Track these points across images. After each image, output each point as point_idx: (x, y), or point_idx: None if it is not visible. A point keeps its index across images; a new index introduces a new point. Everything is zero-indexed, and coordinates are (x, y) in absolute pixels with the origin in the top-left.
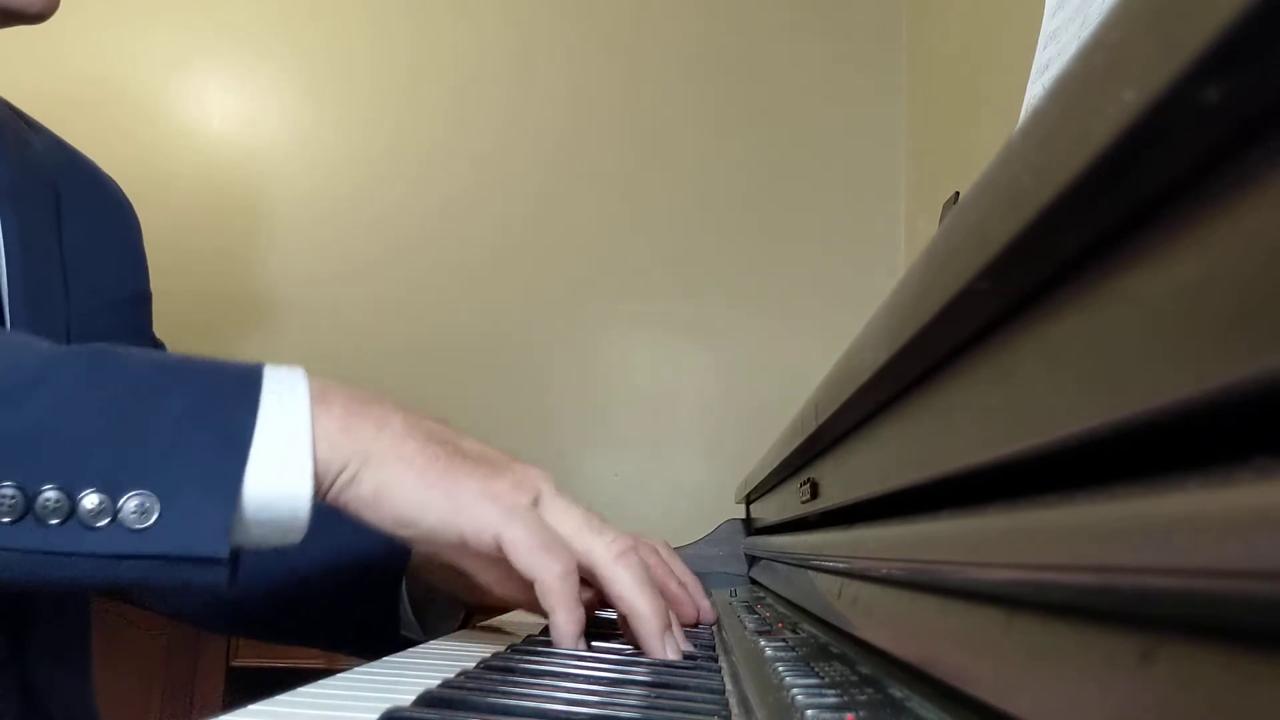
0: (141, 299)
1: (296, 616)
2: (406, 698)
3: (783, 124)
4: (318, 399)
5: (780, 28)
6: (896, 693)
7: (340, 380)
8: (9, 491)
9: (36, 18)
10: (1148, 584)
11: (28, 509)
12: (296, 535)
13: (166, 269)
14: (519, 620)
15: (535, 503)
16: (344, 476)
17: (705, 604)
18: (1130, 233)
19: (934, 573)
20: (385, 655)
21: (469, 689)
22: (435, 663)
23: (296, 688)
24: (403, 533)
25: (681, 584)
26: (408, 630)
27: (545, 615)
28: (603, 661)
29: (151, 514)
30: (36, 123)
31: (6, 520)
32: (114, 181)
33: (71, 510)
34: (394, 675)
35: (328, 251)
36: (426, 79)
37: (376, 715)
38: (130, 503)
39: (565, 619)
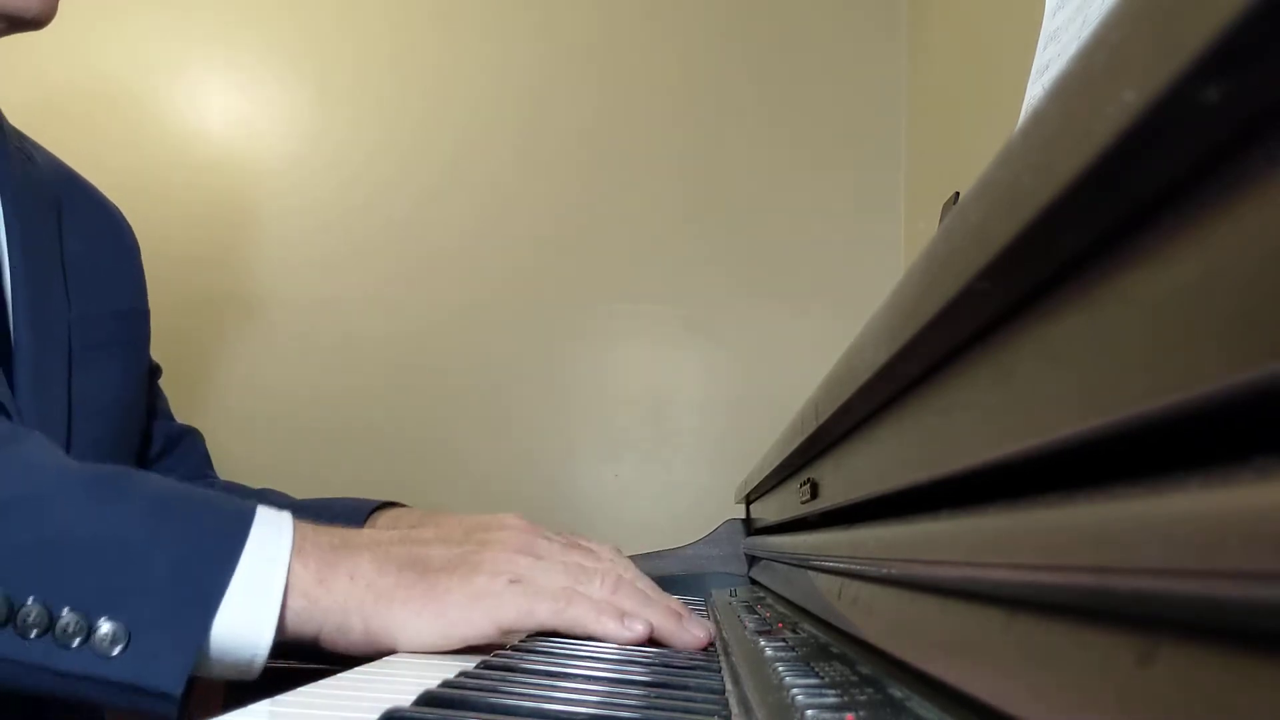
0: (139, 315)
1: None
2: (406, 698)
3: (782, 123)
4: (296, 553)
5: (779, 27)
6: (896, 693)
7: (318, 527)
8: None
9: (35, 23)
10: (1147, 584)
11: (9, 619)
12: (252, 674)
13: (167, 269)
14: None
15: (516, 579)
16: (329, 629)
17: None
18: (1130, 233)
19: (934, 573)
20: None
21: (469, 689)
22: (435, 663)
23: (296, 688)
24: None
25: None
26: None
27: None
28: (603, 661)
29: (120, 643)
30: (36, 143)
31: None
32: (112, 203)
33: (49, 626)
34: (394, 675)
35: (324, 251)
36: (417, 80)
37: (376, 715)
38: (103, 628)
39: (603, 627)
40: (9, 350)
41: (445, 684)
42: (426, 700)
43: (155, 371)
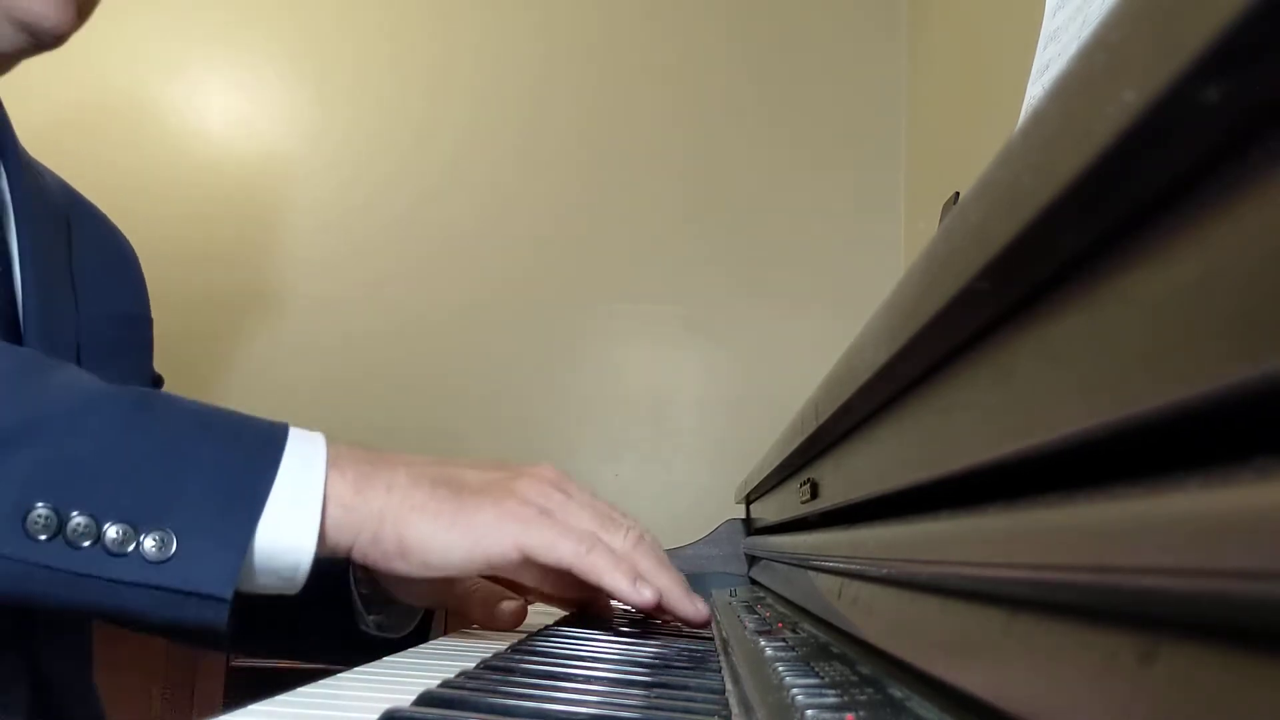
0: (143, 321)
1: (256, 624)
2: (406, 698)
3: (782, 124)
4: (332, 465)
5: (779, 28)
6: (896, 693)
7: (351, 443)
8: (44, 511)
9: (53, 35)
10: (1148, 584)
11: (59, 530)
12: (295, 586)
13: (167, 269)
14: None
15: (546, 511)
16: (364, 537)
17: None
18: (1130, 233)
19: (934, 573)
20: (353, 655)
21: (469, 689)
22: (435, 663)
23: (296, 688)
24: (434, 574)
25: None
26: (365, 626)
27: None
28: (603, 662)
29: (169, 549)
30: (43, 165)
31: (41, 538)
32: (114, 224)
33: (98, 536)
34: (394, 675)
35: (324, 250)
36: (417, 80)
37: (376, 715)
38: (151, 539)
39: (616, 581)
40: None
41: (445, 684)
42: (426, 700)
43: (158, 381)
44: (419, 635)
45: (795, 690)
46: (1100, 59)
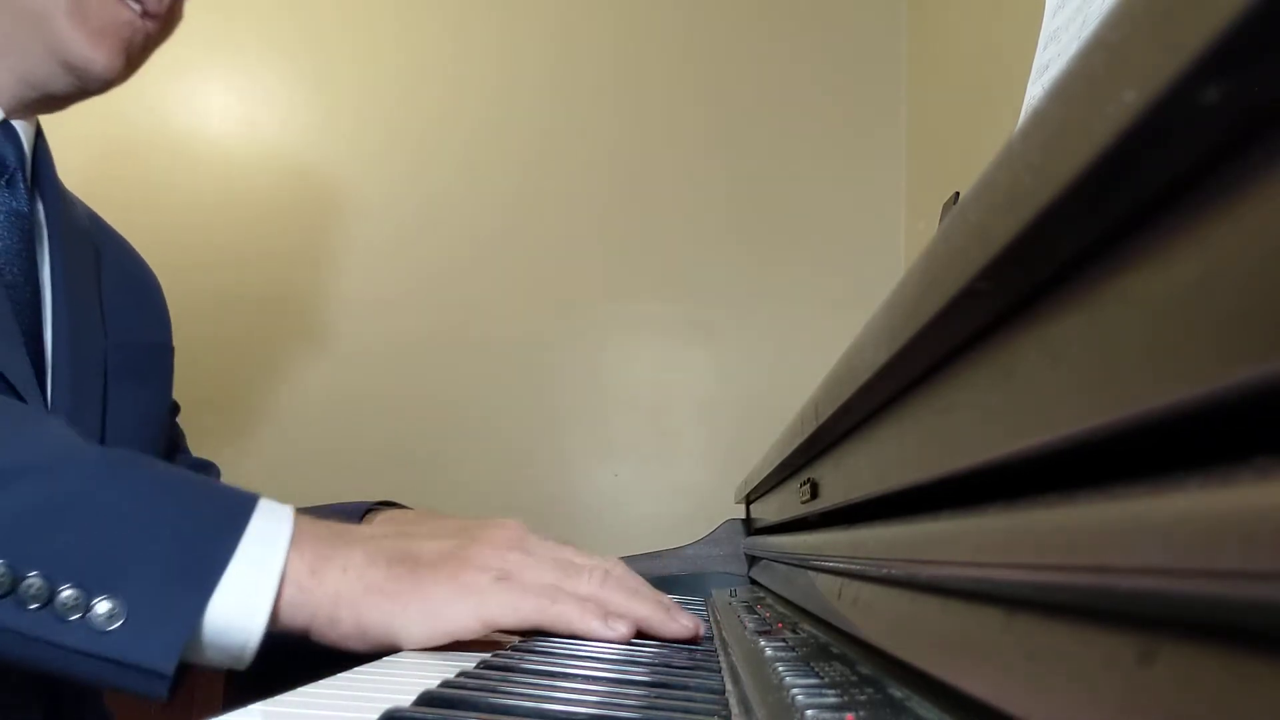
0: (166, 350)
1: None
2: (406, 698)
3: (782, 124)
4: (293, 544)
5: (780, 28)
6: (896, 693)
7: (317, 522)
8: (0, 569)
9: (100, 80)
10: (1148, 584)
11: (12, 589)
12: (242, 664)
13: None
14: None
15: (504, 574)
16: (320, 620)
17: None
18: (1130, 233)
19: (934, 573)
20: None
21: (469, 689)
22: (435, 663)
23: (296, 688)
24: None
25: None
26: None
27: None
28: (603, 661)
29: (118, 619)
30: (73, 194)
31: None
32: (139, 254)
33: (50, 599)
34: (394, 675)
35: (324, 253)
36: (418, 78)
37: (376, 715)
38: (101, 605)
39: (587, 624)
40: (43, 376)
41: (445, 684)
42: (426, 700)
43: (175, 409)
44: None
45: (795, 690)
46: (1100, 59)
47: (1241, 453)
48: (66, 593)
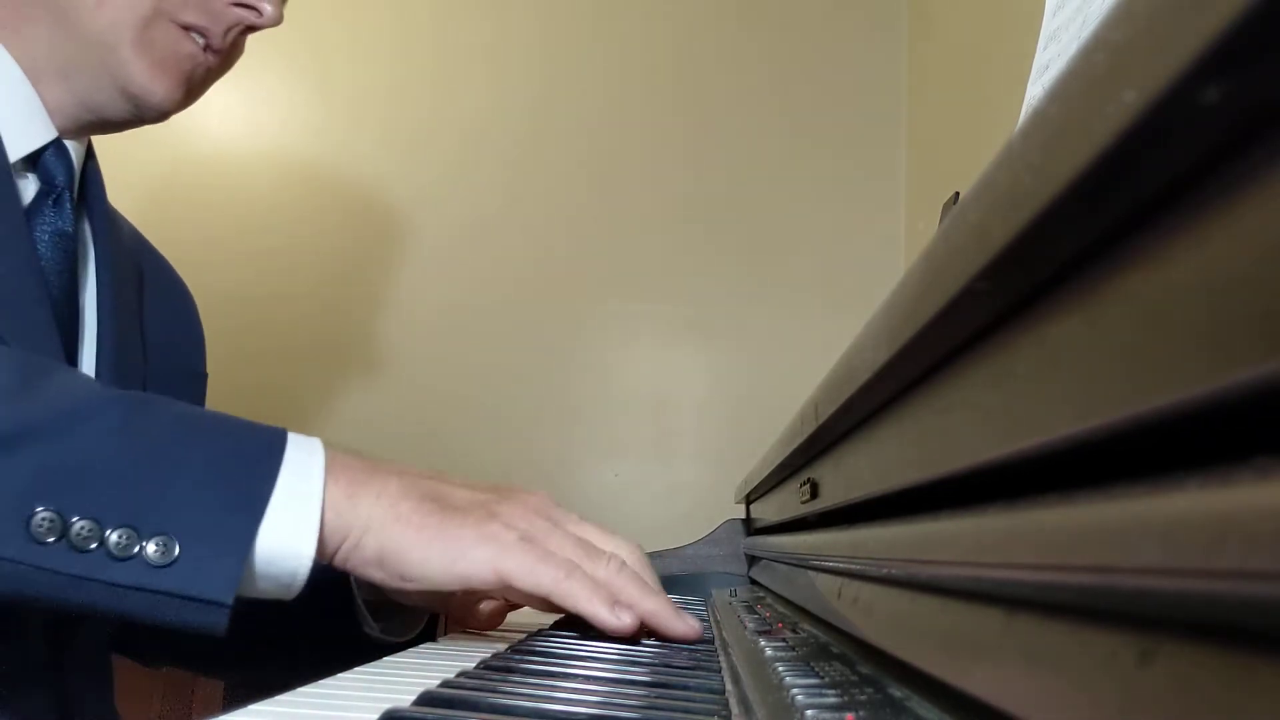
0: (203, 380)
1: (258, 643)
2: (406, 698)
3: (783, 124)
4: (329, 471)
5: (780, 28)
6: (896, 693)
7: (346, 451)
8: (48, 515)
9: (158, 111)
10: (1148, 584)
11: (63, 534)
12: (293, 591)
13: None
14: (519, 620)
15: (528, 536)
16: (348, 543)
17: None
18: (1130, 233)
19: (934, 573)
20: (359, 662)
21: (469, 689)
22: (435, 663)
23: (296, 688)
24: (409, 586)
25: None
26: (370, 629)
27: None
28: (603, 661)
29: (171, 554)
30: (119, 213)
31: (48, 541)
32: (179, 275)
33: (100, 540)
34: (394, 675)
35: (324, 250)
36: (417, 80)
37: (376, 715)
38: (153, 543)
39: (593, 607)
40: None
41: (445, 684)
42: (426, 700)
43: None
44: (425, 639)
45: (795, 690)
46: (1100, 59)
47: (1241, 453)
48: (116, 535)
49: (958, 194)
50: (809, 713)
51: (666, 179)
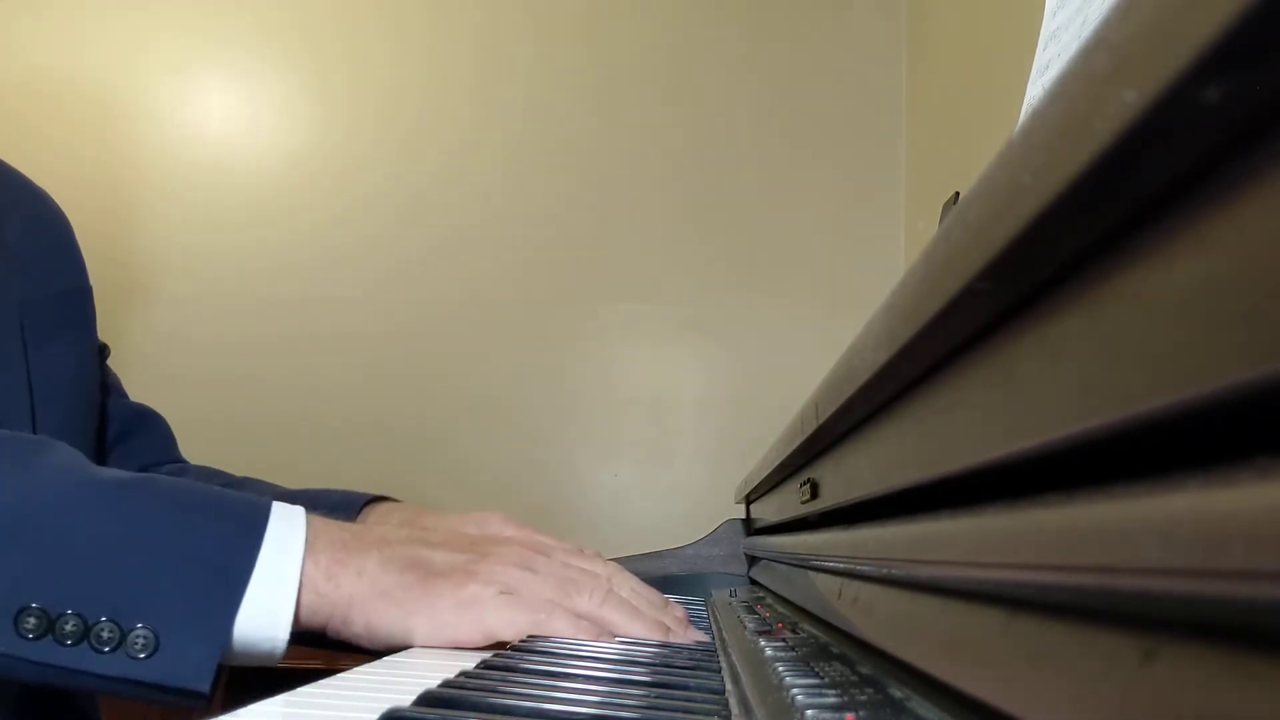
0: (84, 293)
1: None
2: (406, 698)
3: (782, 124)
4: (309, 549)
5: (780, 28)
6: (896, 693)
7: (329, 523)
8: (36, 611)
9: None
10: (1148, 584)
11: (49, 629)
12: (274, 662)
13: (165, 270)
14: None
15: (507, 589)
16: (335, 621)
17: (678, 613)
18: (1130, 233)
19: (934, 573)
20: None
21: (469, 689)
22: (435, 663)
23: (296, 688)
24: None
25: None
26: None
27: None
28: (603, 661)
29: (152, 646)
30: None
31: (30, 637)
32: (44, 191)
33: (85, 634)
34: (394, 675)
35: (323, 250)
36: (415, 79)
37: (376, 715)
38: (135, 633)
39: (579, 637)
40: None
41: (445, 684)
42: (426, 700)
43: (104, 351)
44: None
45: (795, 690)
46: (1100, 59)
47: (1241, 453)
48: (100, 626)
49: (958, 194)
50: (809, 713)
51: (666, 179)
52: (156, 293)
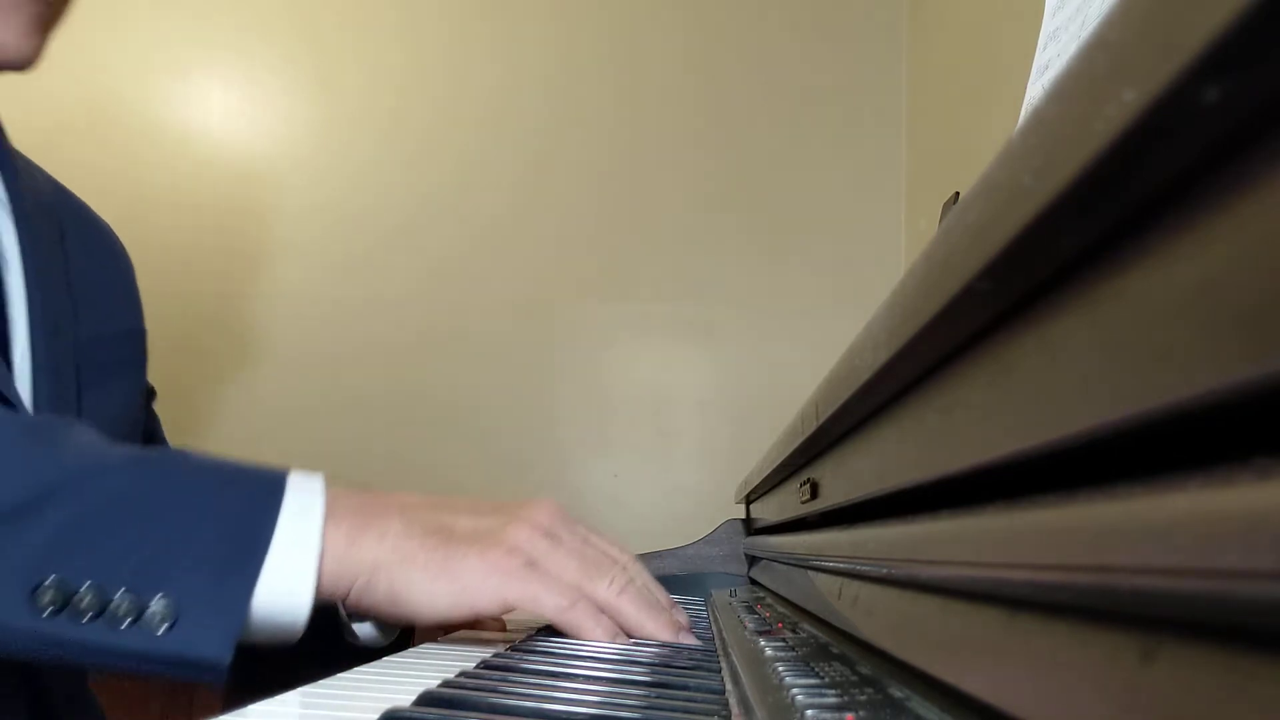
0: (139, 335)
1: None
2: (406, 698)
3: (782, 123)
4: (329, 515)
5: (780, 28)
6: (896, 693)
7: (349, 488)
8: (53, 585)
9: (16, 65)
10: (1148, 584)
11: (65, 604)
12: (295, 636)
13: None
14: (519, 621)
15: (531, 561)
16: (358, 586)
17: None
18: (1130, 233)
19: (934, 573)
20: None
21: (469, 689)
22: (435, 663)
23: (296, 688)
24: (423, 622)
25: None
26: (353, 639)
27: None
28: (603, 661)
29: (170, 619)
30: (30, 160)
31: (47, 613)
32: (104, 221)
33: (103, 609)
34: (394, 675)
35: (327, 253)
36: (417, 78)
37: (376, 715)
38: (154, 607)
39: (596, 638)
40: (9, 362)
41: (445, 684)
42: (426, 700)
43: (151, 393)
44: (403, 642)
45: (795, 690)
46: (1100, 59)
47: (1241, 453)
48: (119, 600)
49: (958, 194)
50: (809, 713)
51: (665, 179)
52: (153, 295)
